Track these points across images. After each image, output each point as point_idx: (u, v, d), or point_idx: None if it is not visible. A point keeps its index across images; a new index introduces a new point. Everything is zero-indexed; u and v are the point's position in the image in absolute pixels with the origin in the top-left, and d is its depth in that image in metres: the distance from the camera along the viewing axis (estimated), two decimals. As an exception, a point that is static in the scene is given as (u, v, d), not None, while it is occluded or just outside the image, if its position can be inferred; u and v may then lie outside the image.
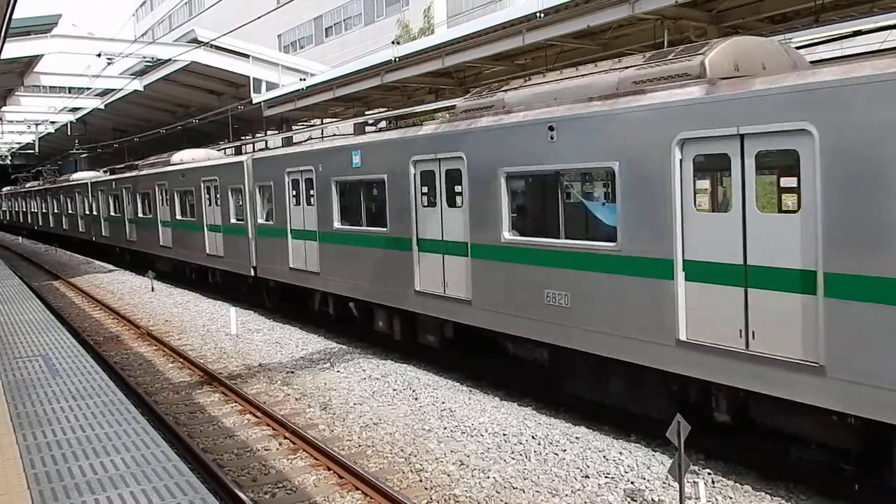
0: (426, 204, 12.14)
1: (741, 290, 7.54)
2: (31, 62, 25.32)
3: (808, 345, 7.03)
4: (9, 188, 69.72)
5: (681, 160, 8.01)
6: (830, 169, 6.74)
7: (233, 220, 19.72)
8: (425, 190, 12.16)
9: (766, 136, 7.26)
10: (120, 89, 30.93)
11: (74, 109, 37.30)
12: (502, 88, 11.36)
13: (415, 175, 12.30)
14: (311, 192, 15.60)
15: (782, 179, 7.26)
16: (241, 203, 19.15)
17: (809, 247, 6.97)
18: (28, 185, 58.26)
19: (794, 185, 7.10)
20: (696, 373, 8.02)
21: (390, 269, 13.11)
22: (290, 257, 16.63)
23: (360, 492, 8.17)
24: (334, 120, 25.46)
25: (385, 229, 13.15)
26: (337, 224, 14.78)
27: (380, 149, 13.35)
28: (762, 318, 7.38)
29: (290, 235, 16.63)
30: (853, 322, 6.67)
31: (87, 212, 36.22)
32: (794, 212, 7.12)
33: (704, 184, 7.96)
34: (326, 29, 48.97)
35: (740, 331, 7.56)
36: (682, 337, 8.11)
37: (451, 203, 11.56)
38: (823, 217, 6.82)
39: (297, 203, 16.29)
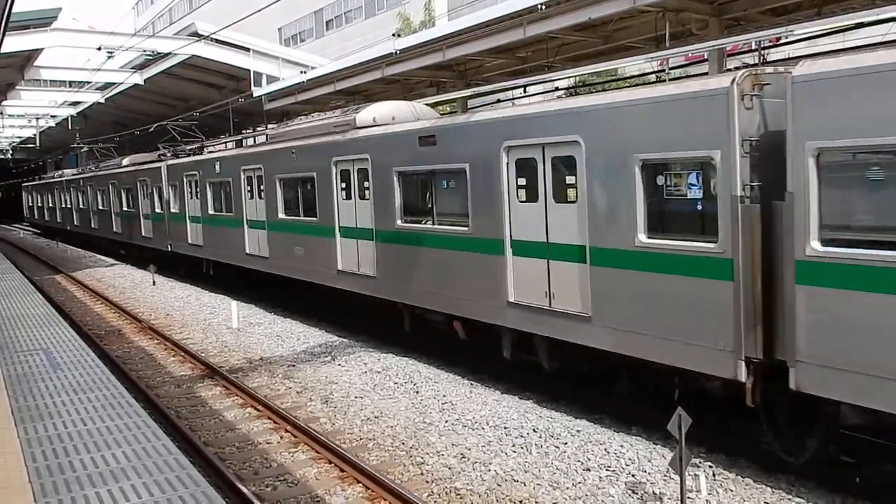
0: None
1: None
2: (30, 56, 25.24)
3: None
4: (72, 172, 44.48)
5: None
6: None
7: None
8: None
9: None
10: (120, 83, 30.85)
11: (75, 103, 37.23)
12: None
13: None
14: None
15: None
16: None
17: None
18: (124, 162, 32.14)
19: None
20: None
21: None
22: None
23: (361, 485, 8.18)
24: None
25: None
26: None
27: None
28: None
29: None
30: None
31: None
32: None
33: None
34: (327, 22, 48.86)
35: None
36: None
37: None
38: None
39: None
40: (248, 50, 26.82)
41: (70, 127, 40.27)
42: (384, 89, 21.22)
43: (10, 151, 62.87)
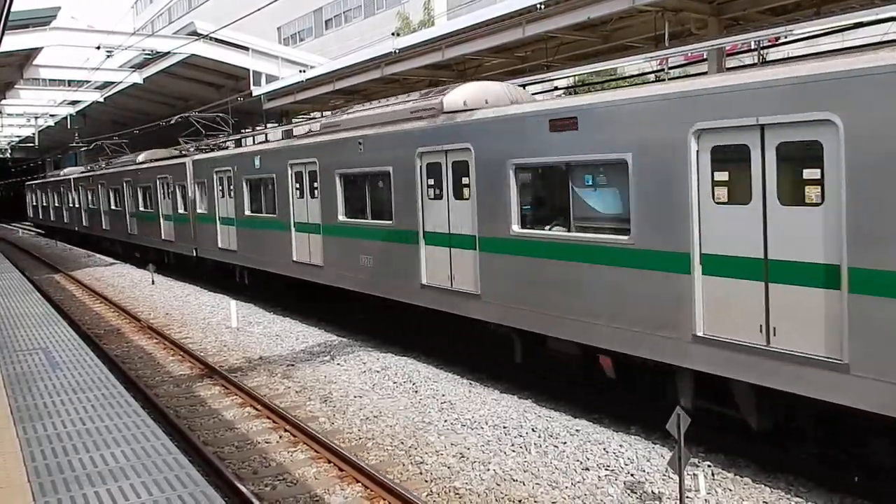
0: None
1: None
2: (30, 55, 25.25)
3: None
4: (80, 169, 41.46)
5: None
6: None
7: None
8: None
9: None
10: (119, 82, 30.88)
11: (74, 102, 37.25)
12: None
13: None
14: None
15: None
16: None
17: None
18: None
19: None
20: None
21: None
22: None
23: (360, 484, 8.18)
24: (334, 113, 25.42)
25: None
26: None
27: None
28: None
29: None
30: None
31: None
32: None
33: None
34: (326, 21, 48.88)
35: None
36: None
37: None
38: None
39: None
40: (247, 49, 26.84)
41: (69, 126, 40.28)
42: (383, 88, 21.23)
43: (9, 150, 62.91)
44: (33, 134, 45.57)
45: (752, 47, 13.38)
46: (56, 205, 45.53)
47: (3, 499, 5.52)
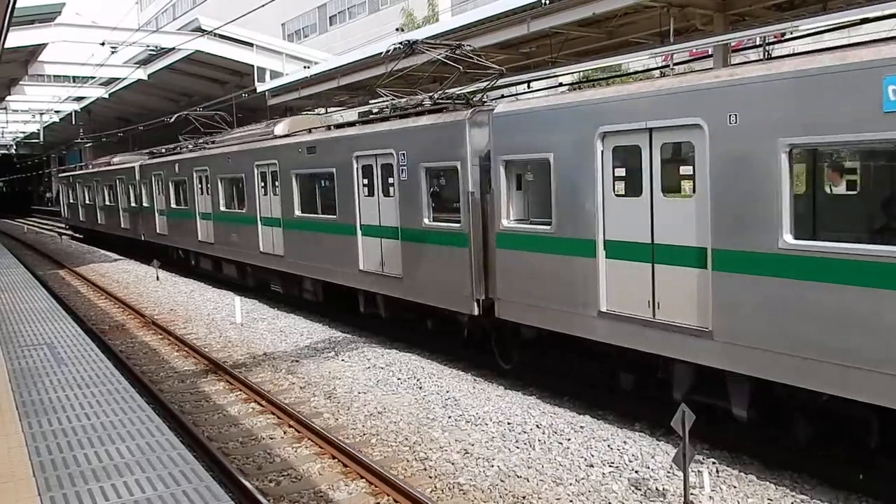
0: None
1: None
2: (34, 51, 25.32)
3: None
4: (136, 158, 30.48)
5: None
6: None
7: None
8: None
9: None
10: (124, 78, 30.96)
11: (79, 99, 37.35)
12: None
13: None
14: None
15: None
16: None
17: None
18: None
19: None
20: None
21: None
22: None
23: (364, 480, 8.19)
24: (339, 108, 25.43)
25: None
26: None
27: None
28: None
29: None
30: None
31: None
32: None
33: None
34: (331, 17, 48.90)
35: None
36: None
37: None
38: None
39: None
40: (251, 45, 26.88)
41: (74, 122, 40.39)
42: (388, 84, 21.20)
43: (14, 146, 63.11)
44: (38, 130, 45.73)
45: (758, 43, 13.34)
46: (107, 203, 33.18)
47: (9, 493, 5.54)
